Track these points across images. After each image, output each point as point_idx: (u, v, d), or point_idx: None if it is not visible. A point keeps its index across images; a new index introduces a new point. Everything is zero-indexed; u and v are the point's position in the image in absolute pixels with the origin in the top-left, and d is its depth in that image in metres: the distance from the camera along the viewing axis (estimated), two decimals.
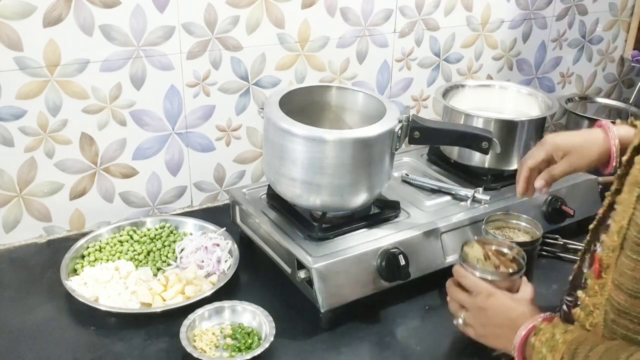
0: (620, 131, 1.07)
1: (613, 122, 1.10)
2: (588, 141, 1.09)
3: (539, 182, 1.10)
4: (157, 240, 1.28)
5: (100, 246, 1.25)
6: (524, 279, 1.01)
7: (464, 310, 0.99)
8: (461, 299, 0.99)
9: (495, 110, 1.49)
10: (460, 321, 0.99)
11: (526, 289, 0.99)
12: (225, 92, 1.41)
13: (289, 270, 1.13)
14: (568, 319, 0.91)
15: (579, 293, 0.90)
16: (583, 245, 1.29)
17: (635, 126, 1.06)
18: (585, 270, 0.95)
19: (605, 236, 0.85)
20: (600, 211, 0.92)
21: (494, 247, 1.04)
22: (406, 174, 1.37)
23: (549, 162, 1.12)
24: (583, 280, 0.94)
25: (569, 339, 0.84)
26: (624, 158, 0.88)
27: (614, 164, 1.06)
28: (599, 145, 1.08)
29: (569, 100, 1.90)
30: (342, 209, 1.16)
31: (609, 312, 0.80)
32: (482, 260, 1.01)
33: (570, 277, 1.01)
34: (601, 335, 0.83)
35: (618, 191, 0.89)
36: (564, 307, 1.00)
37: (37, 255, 1.28)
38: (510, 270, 0.99)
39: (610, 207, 0.90)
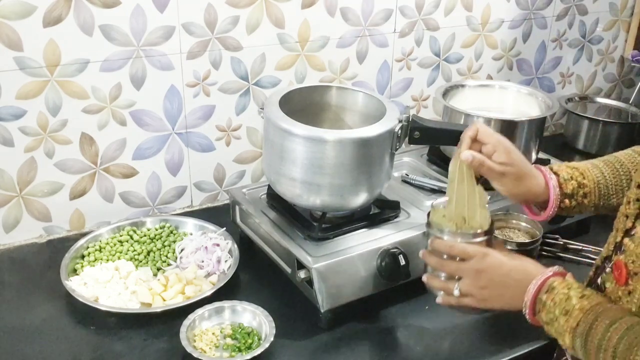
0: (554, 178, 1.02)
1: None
2: (532, 170, 1.02)
3: (465, 154, 0.97)
4: (157, 240, 1.28)
5: (100, 246, 1.25)
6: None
7: (455, 281, 0.94)
8: (453, 268, 0.94)
9: (495, 110, 1.49)
10: (457, 292, 0.94)
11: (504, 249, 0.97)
12: (225, 92, 1.41)
13: (289, 270, 1.13)
14: None
15: None
16: (582, 245, 1.29)
17: (556, 174, 1.02)
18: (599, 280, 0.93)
19: (629, 241, 0.83)
20: (629, 224, 0.88)
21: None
22: (406, 174, 1.36)
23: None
24: (600, 284, 0.91)
25: (586, 306, 0.80)
26: None
27: (553, 207, 1.01)
28: (539, 180, 1.02)
29: (569, 100, 1.90)
30: (342, 209, 1.16)
31: None
32: (455, 225, 0.97)
33: (585, 283, 0.99)
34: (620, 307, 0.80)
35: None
36: None
37: (37, 255, 1.28)
38: (486, 229, 0.96)
39: (637, 217, 0.88)
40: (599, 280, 0.93)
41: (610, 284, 0.86)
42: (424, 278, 1.01)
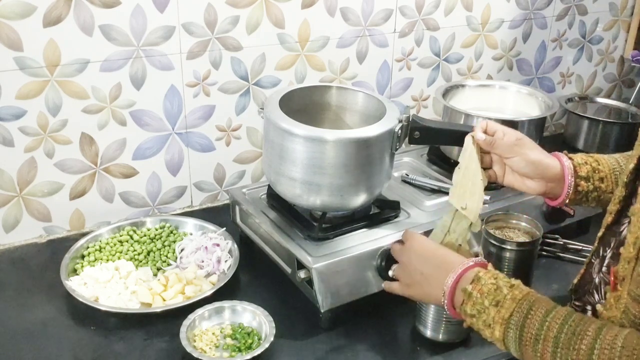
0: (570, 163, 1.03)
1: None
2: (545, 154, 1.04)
3: (479, 134, 1.01)
4: (157, 240, 1.28)
5: (100, 246, 1.25)
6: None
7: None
8: (396, 249, 0.97)
9: (495, 110, 1.49)
10: (390, 273, 0.95)
11: None
12: (225, 92, 1.41)
13: (289, 270, 1.13)
14: None
15: (598, 307, 0.87)
16: (582, 245, 1.29)
17: (570, 158, 1.04)
18: (594, 277, 0.93)
19: (623, 249, 0.82)
20: (609, 219, 0.89)
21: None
22: (406, 174, 1.36)
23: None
24: (602, 294, 0.91)
25: (518, 296, 0.78)
26: (631, 166, 0.86)
27: (570, 186, 1.01)
28: (552, 159, 1.03)
29: (569, 100, 1.90)
30: (342, 209, 1.16)
31: (625, 325, 0.77)
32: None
33: (575, 281, 1.00)
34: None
35: (626, 198, 0.88)
36: None
37: (37, 255, 1.28)
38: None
39: (619, 214, 0.89)
40: (596, 280, 0.93)
41: (608, 294, 0.85)
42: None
